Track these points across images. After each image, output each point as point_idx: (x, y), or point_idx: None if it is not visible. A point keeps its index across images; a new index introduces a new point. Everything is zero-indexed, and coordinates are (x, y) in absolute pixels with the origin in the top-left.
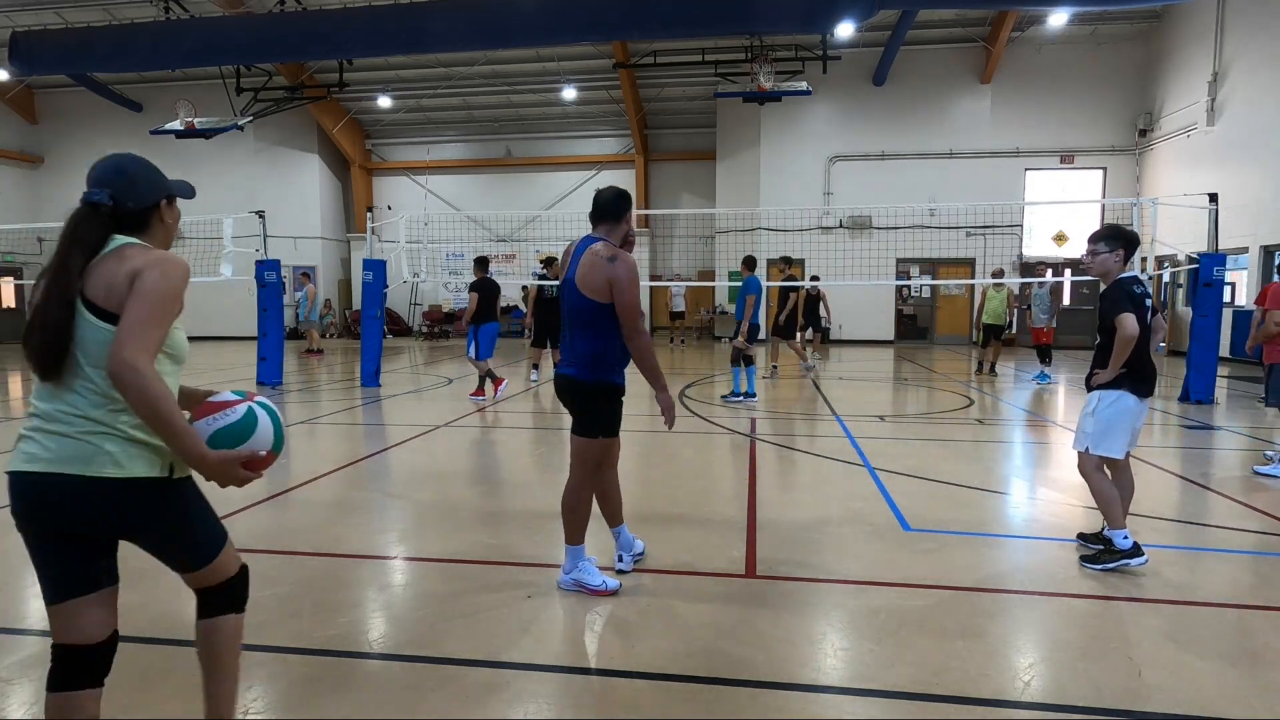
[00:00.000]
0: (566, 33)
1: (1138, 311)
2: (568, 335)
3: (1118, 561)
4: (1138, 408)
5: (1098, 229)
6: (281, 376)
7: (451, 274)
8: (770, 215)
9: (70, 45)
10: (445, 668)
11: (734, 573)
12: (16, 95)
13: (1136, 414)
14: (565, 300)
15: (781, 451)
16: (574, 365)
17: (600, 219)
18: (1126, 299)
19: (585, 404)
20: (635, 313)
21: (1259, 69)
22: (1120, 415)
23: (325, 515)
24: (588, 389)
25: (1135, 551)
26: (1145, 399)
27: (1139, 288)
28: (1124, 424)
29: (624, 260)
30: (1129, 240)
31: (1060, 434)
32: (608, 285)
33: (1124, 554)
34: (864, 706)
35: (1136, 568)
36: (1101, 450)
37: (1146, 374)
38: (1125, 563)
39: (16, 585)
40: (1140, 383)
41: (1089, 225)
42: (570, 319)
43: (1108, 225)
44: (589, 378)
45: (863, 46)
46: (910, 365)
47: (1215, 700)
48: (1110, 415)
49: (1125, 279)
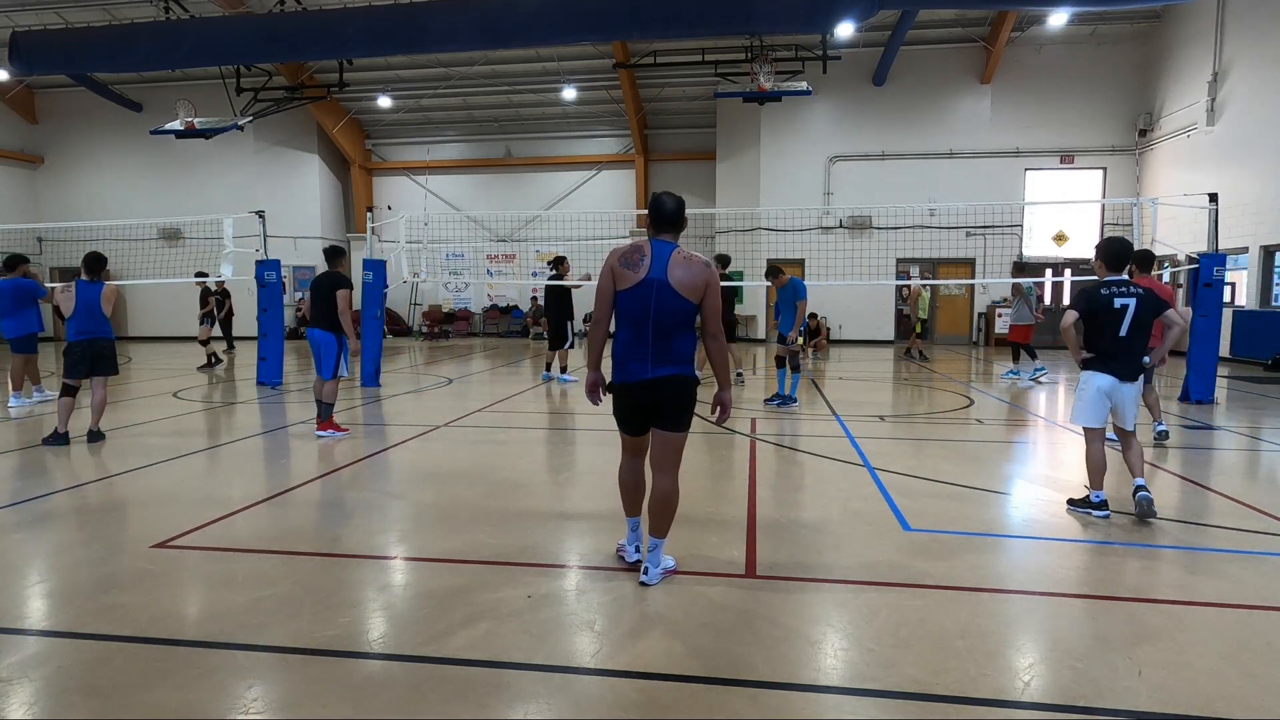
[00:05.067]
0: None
1: (1090, 310)
2: (656, 337)
3: (1083, 509)
4: (1110, 386)
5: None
6: (281, 376)
7: (451, 274)
8: (770, 215)
9: (70, 45)
10: (445, 668)
11: (734, 573)
12: (16, 95)
13: (1109, 392)
14: (655, 302)
15: (781, 451)
16: (679, 364)
17: (670, 226)
18: (1080, 298)
19: (690, 400)
20: (720, 315)
21: (1259, 69)
22: (1090, 393)
23: (325, 515)
24: (694, 385)
25: (1102, 506)
26: (1125, 381)
27: (1106, 290)
28: (1095, 400)
29: (713, 265)
30: (1104, 251)
31: (1060, 434)
32: (705, 287)
33: (1093, 505)
34: (864, 706)
35: (1096, 518)
36: (1076, 419)
37: (1108, 357)
38: (1088, 511)
39: (17, 585)
40: (1104, 364)
41: (1089, 225)
42: (666, 320)
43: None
44: (692, 374)
45: (863, 46)
46: (910, 365)
47: (1215, 700)
48: (1082, 392)
49: (1099, 282)
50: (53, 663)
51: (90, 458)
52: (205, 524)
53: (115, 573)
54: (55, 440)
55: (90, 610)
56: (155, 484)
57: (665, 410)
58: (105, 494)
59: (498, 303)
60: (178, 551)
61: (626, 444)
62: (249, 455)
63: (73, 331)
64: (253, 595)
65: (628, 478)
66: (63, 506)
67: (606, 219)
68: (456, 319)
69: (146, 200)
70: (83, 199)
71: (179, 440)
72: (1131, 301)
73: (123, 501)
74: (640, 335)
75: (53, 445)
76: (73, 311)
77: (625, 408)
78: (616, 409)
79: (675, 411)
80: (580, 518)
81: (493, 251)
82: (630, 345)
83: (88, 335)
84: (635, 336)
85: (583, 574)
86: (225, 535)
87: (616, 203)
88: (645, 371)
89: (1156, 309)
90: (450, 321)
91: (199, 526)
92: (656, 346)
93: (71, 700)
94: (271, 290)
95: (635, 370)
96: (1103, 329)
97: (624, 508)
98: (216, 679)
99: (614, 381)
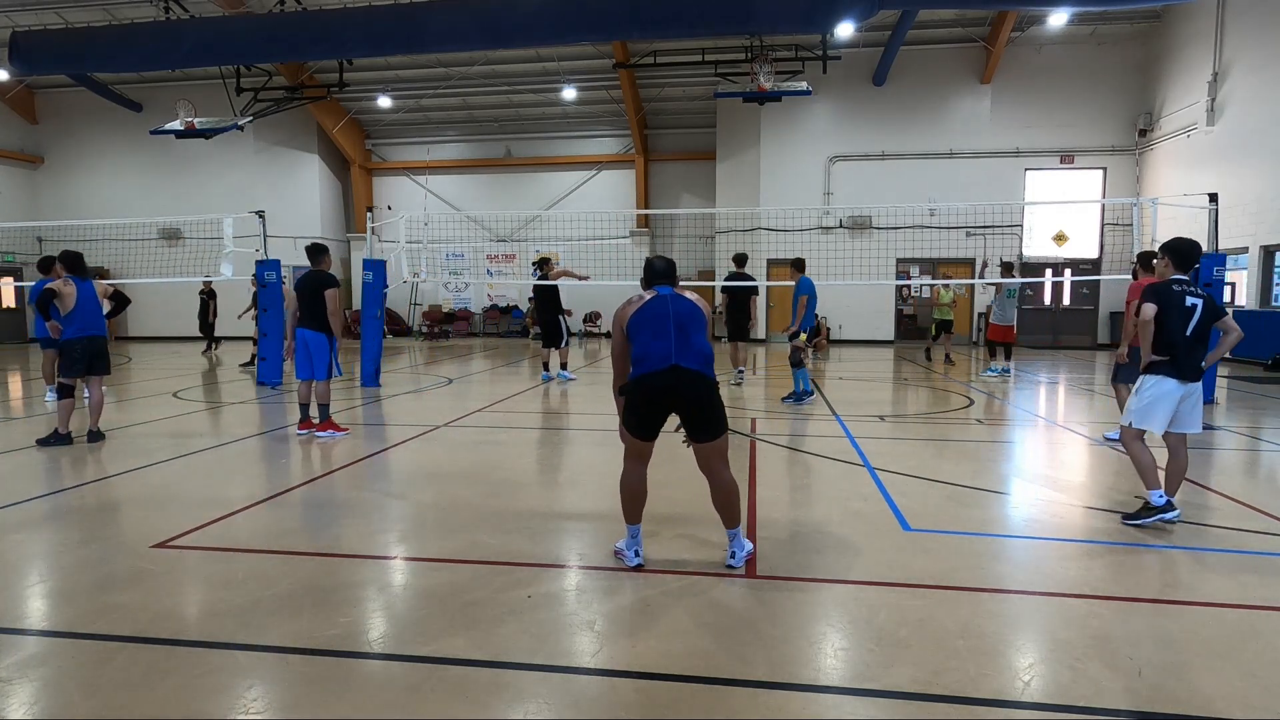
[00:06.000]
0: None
1: (1164, 306)
2: (678, 331)
3: (1154, 516)
4: (1178, 389)
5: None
6: (281, 376)
7: (451, 274)
8: (770, 215)
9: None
10: (445, 668)
11: (734, 573)
12: (16, 95)
13: (1176, 395)
14: (672, 306)
15: (781, 451)
16: (700, 362)
17: (664, 279)
18: (1155, 294)
19: (717, 402)
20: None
21: (1259, 69)
22: (1156, 396)
23: (325, 515)
24: (716, 388)
25: (1168, 507)
26: (1190, 382)
27: (1178, 287)
28: (1161, 404)
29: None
30: (1171, 250)
31: (1060, 434)
32: (701, 308)
33: (1159, 509)
34: (864, 706)
35: (1171, 520)
36: (1136, 423)
37: (1175, 358)
38: (1160, 517)
39: (17, 585)
40: (1171, 366)
41: (1089, 225)
42: (684, 317)
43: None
44: (713, 376)
45: (863, 46)
46: (910, 365)
47: (1215, 700)
48: (1150, 396)
49: (1169, 280)
50: (53, 663)
51: (90, 458)
52: (205, 524)
53: (115, 573)
54: (56, 440)
55: (90, 610)
56: (155, 484)
57: (694, 418)
58: (105, 494)
59: (498, 303)
60: (178, 551)
61: (632, 450)
62: (249, 455)
63: (74, 329)
64: (253, 595)
65: (633, 486)
66: (63, 506)
67: (606, 219)
68: (456, 319)
69: (146, 200)
70: (83, 199)
71: (179, 440)
72: (1200, 302)
73: (123, 501)
74: (662, 332)
75: (54, 445)
76: (73, 308)
77: (644, 402)
78: (632, 407)
79: (704, 417)
80: (580, 518)
81: (493, 251)
82: (651, 343)
83: (88, 333)
84: (657, 333)
85: (583, 574)
86: (225, 535)
87: (616, 203)
88: (669, 359)
89: (1216, 314)
90: (450, 321)
91: (199, 526)
92: (679, 340)
93: (71, 700)
94: (271, 290)
95: (659, 359)
96: (1172, 328)
97: (624, 515)
98: (216, 679)
99: (632, 377)
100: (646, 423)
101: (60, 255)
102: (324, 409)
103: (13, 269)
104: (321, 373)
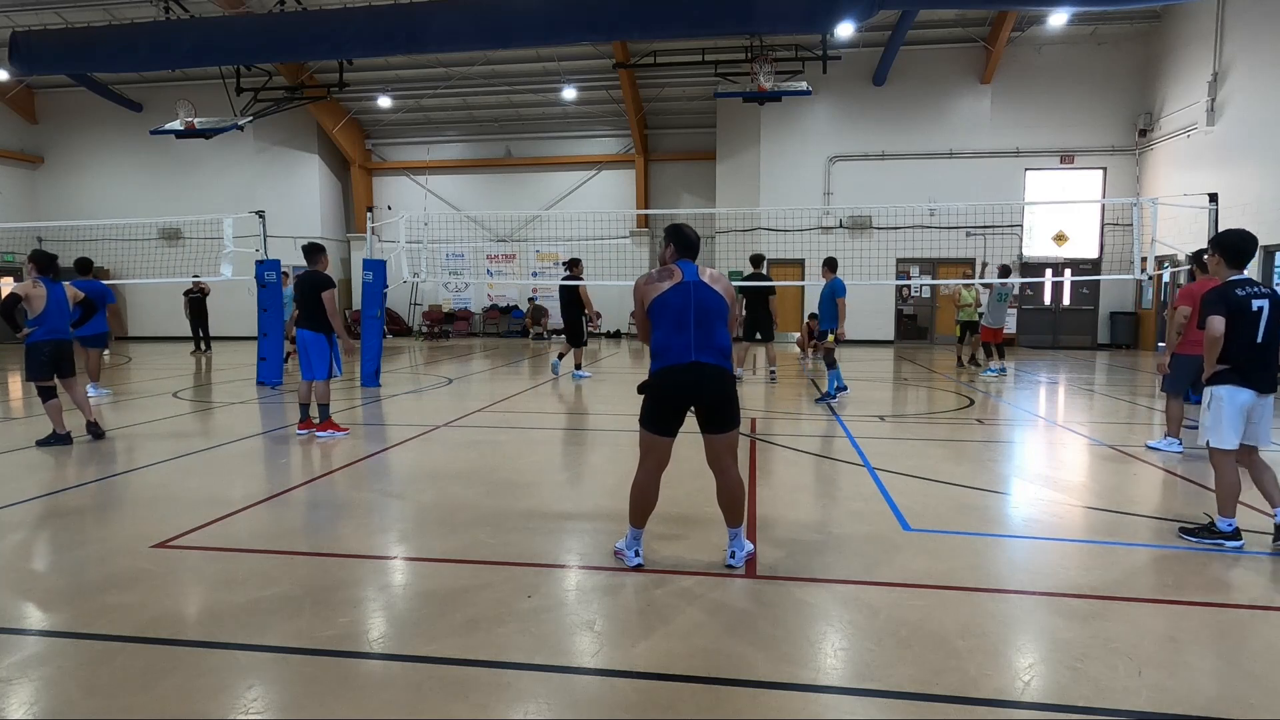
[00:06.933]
0: (566, 32)
1: (1230, 314)
2: (699, 325)
3: (1214, 540)
4: (1251, 401)
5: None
6: (281, 376)
7: (451, 274)
8: (770, 215)
9: (70, 45)
10: (445, 668)
11: (734, 573)
12: (16, 95)
13: (1251, 406)
14: (695, 297)
15: (781, 451)
16: (720, 356)
17: (693, 251)
18: (1219, 301)
19: (734, 396)
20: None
21: (1259, 69)
22: (1229, 410)
23: (325, 515)
24: (734, 382)
25: (1234, 535)
26: (1265, 393)
27: (1242, 290)
28: (1234, 418)
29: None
30: (1221, 245)
31: (1060, 434)
32: (728, 293)
33: (1222, 535)
34: (864, 706)
35: (1230, 551)
36: (1213, 442)
37: (1246, 368)
38: (1221, 543)
39: (17, 585)
40: (1242, 376)
41: (1089, 225)
42: (706, 309)
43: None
44: (731, 370)
45: (863, 46)
46: (910, 365)
47: (1215, 700)
48: (1218, 409)
49: (1229, 282)
50: (53, 663)
51: (90, 458)
52: (205, 524)
53: (115, 573)
54: (56, 441)
55: (90, 610)
56: (155, 484)
57: (713, 412)
58: (105, 494)
59: (498, 303)
60: (178, 551)
61: (651, 448)
62: (249, 455)
63: (42, 331)
64: (253, 595)
65: (645, 492)
66: (63, 506)
67: (606, 219)
68: (456, 319)
69: (146, 200)
70: (83, 199)
71: (179, 440)
72: (1265, 303)
73: (123, 501)
74: (683, 324)
75: (54, 446)
76: (43, 310)
77: (665, 397)
78: (653, 402)
79: (723, 412)
80: (580, 518)
81: (493, 251)
82: (672, 335)
83: (55, 337)
84: (678, 325)
85: (583, 574)
86: (225, 535)
87: (616, 203)
88: (689, 354)
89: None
90: (450, 321)
91: (199, 526)
92: (699, 334)
93: (71, 700)
94: (271, 290)
95: (679, 353)
96: (1240, 335)
97: (631, 518)
98: (216, 679)
99: (653, 371)
100: (665, 418)
101: (31, 255)
102: (324, 409)
103: (13, 269)
104: (321, 372)
